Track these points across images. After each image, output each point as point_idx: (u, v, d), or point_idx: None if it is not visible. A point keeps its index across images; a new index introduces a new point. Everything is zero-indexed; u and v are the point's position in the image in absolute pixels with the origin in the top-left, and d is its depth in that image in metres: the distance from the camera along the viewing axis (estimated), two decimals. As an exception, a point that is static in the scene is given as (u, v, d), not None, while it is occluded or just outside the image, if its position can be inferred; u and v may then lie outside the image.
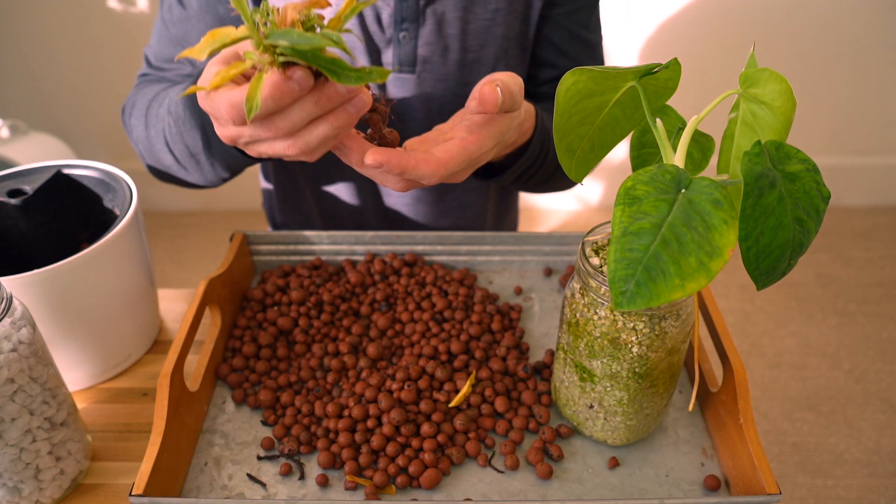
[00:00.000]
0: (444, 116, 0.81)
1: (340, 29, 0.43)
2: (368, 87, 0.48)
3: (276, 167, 0.93)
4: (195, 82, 0.65)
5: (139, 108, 0.76)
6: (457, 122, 0.59)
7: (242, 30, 0.42)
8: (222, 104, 0.44)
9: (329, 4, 0.43)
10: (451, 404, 0.61)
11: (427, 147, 0.56)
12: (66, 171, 0.71)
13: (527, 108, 0.66)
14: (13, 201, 0.66)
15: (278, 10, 0.42)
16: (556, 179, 0.81)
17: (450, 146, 0.52)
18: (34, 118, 1.92)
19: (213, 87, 0.43)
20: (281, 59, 0.41)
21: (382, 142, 0.51)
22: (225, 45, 0.42)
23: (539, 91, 0.86)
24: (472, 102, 0.56)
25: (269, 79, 0.41)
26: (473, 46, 0.77)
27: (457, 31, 0.75)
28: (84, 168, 0.71)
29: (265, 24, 0.41)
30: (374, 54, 0.76)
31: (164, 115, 0.70)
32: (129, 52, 1.82)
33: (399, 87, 0.78)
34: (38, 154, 1.58)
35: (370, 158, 0.49)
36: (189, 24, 0.76)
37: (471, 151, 0.53)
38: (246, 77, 0.46)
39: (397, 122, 0.80)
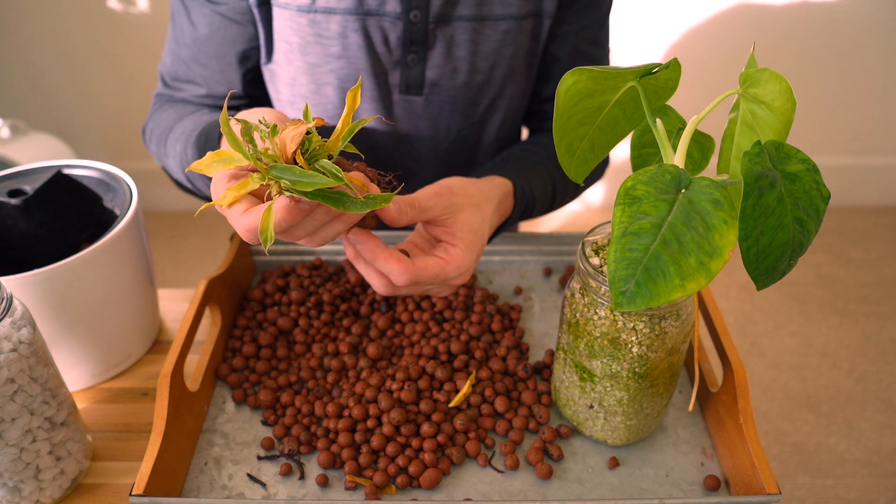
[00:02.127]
0: (451, 137, 0.80)
1: (339, 149, 0.45)
2: (380, 176, 0.50)
3: None
4: (198, 151, 0.66)
5: (157, 136, 0.76)
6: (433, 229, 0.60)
7: (245, 159, 0.43)
8: (238, 227, 0.45)
9: (324, 123, 0.45)
10: (451, 404, 0.61)
11: (416, 253, 0.58)
12: (66, 171, 0.71)
13: (505, 191, 0.65)
14: (13, 201, 0.66)
15: (276, 127, 0.42)
16: (555, 209, 0.81)
17: (428, 261, 0.54)
18: (34, 118, 1.92)
19: (228, 205, 0.45)
20: (286, 192, 0.42)
21: (363, 226, 0.53)
22: (229, 166, 0.44)
23: (542, 109, 0.85)
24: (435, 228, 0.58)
25: (279, 206, 0.42)
26: (483, 68, 0.76)
27: (466, 53, 0.74)
28: (84, 168, 0.71)
29: (265, 154, 0.42)
30: (381, 76, 0.75)
31: (181, 152, 0.70)
32: (129, 53, 1.82)
33: (406, 109, 0.77)
34: (38, 154, 1.58)
35: (352, 233, 0.52)
36: (200, 46, 0.76)
37: (447, 272, 0.55)
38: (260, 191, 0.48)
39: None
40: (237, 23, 0.74)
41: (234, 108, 0.80)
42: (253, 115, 0.54)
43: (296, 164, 0.42)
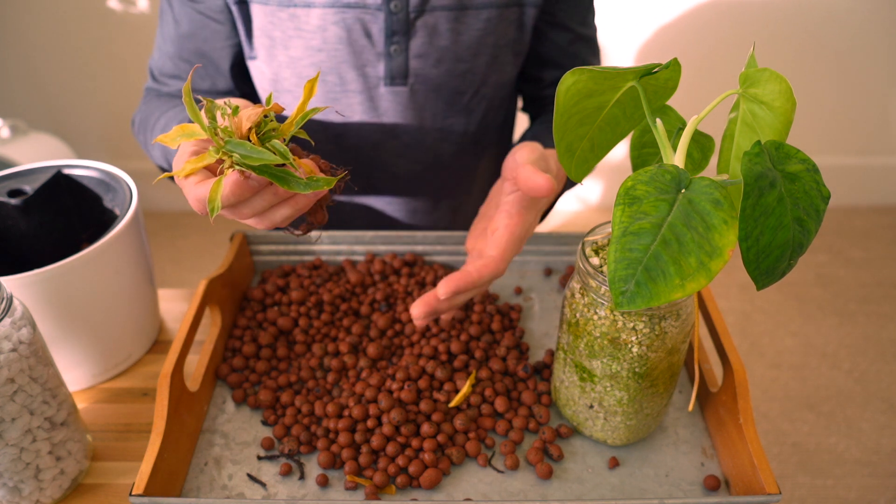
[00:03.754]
0: (437, 126, 0.81)
1: (292, 133, 0.48)
2: (330, 169, 0.52)
3: None
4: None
5: (143, 126, 0.78)
6: (495, 202, 0.63)
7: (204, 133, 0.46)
8: (190, 197, 0.47)
9: (282, 110, 0.48)
10: (451, 404, 0.61)
11: (481, 245, 0.61)
12: (66, 171, 0.71)
13: (557, 164, 0.66)
14: (13, 201, 0.66)
15: (237, 108, 0.45)
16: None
17: (498, 238, 0.57)
18: (34, 118, 1.92)
19: (185, 175, 0.47)
20: (237, 167, 0.45)
21: (313, 219, 0.55)
22: (191, 140, 0.47)
23: (544, 94, 0.85)
24: (506, 184, 0.60)
25: (229, 179, 0.45)
26: (466, 56, 0.76)
27: (448, 42, 0.74)
28: (84, 168, 0.71)
29: (223, 129, 0.45)
30: (364, 68, 0.75)
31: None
32: (129, 52, 1.82)
33: (391, 100, 0.78)
34: (38, 154, 1.58)
35: (442, 292, 0.57)
36: (182, 43, 0.77)
37: (518, 233, 0.58)
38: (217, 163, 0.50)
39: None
40: (216, 21, 0.75)
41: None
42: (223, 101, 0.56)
43: (249, 141, 0.45)
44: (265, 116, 0.46)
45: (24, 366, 0.50)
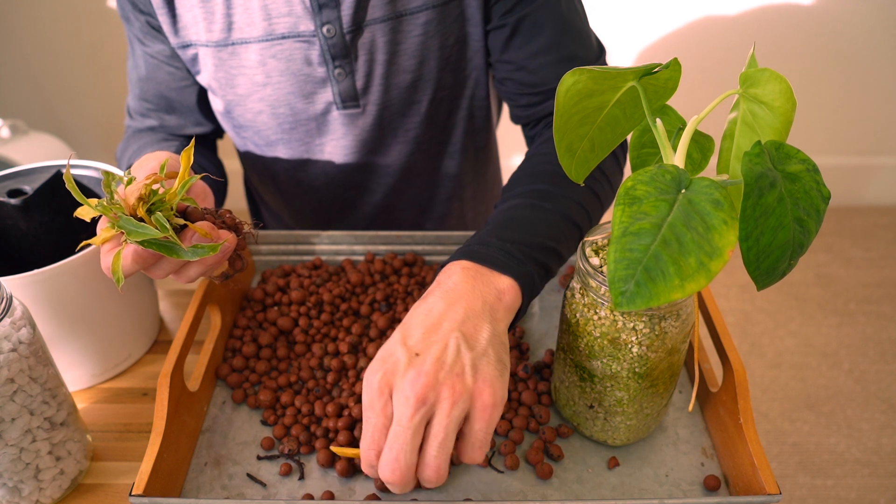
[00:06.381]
0: (397, 139, 0.80)
1: (177, 202, 0.50)
2: (240, 223, 0.55)
3: (252, 210, 1.03)
4: None
5: (120, 165, 0.80)
6: None
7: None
8: (102, 265, 0.51)
9: (175, 175, 0.51)
10: None
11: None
12: (66, 171, 0.71)
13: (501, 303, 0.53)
14: (13, 201, 0.66)
15: (132, 180, 0.48)
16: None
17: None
18: (34, 118, 1.92)
19: (99, 244, 0.50)
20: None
21: (230, 269, 0.58)
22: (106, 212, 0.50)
23: (515, 77, 0.74)
24: None
25: (125, 252, 0.48)
26: (412, 66, 0.74)
27: (389, 55, 0.73)
28: (84, 168, 0.71)
29: (114, 205, 0.48)
30: (312, 96, 0.75)
31: None
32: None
33: (348, 123, 0.77)
34: (38, 154, 1.58)
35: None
36: (143, 84, 0.78)
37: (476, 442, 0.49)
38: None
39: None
40: (169, 65, 0.76)
41: (195, 137, 0.82)
42: (157, 158, 0.58)
43: (136, 215, 0.48)
44: (154, 187, 0.49)
45: (23, 366, 0.50)
